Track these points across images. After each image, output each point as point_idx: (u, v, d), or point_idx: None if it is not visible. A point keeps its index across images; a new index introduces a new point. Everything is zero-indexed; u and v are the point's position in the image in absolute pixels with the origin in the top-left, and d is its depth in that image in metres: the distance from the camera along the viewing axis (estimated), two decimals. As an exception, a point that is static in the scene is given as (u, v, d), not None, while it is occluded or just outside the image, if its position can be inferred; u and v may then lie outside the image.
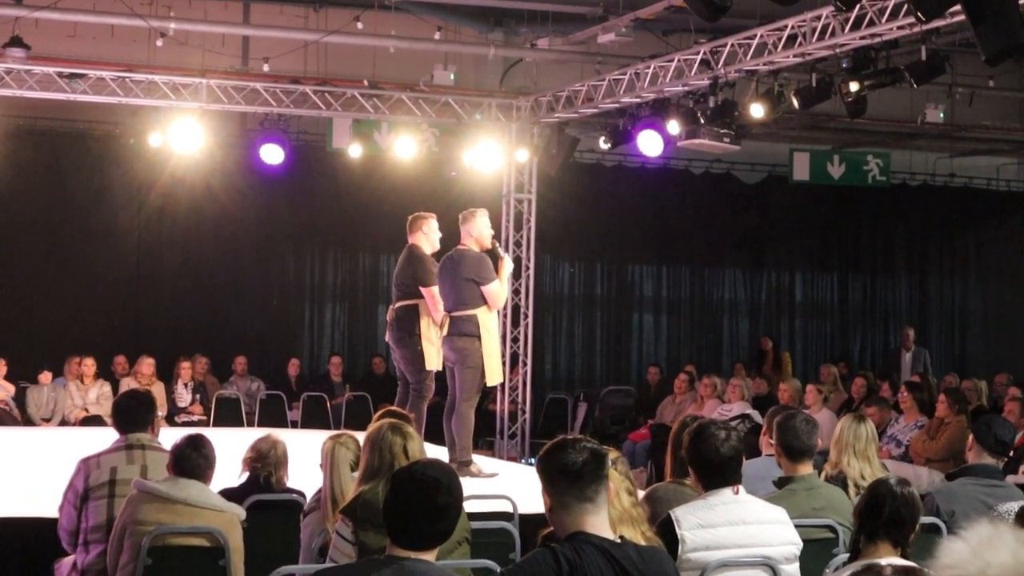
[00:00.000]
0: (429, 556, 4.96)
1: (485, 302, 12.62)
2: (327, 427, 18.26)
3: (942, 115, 21.71)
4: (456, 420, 12.79)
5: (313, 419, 19.71)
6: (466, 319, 12.60)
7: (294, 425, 19.76)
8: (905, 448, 15.05)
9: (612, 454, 6.19)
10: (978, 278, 27.13)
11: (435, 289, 12.69)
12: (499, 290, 12.67)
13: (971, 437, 8.47)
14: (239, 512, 7.61)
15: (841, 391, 19.57)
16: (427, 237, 13.02)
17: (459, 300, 12.60)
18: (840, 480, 8.68)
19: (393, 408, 8.75)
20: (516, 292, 20.17)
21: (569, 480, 4.89)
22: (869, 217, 26.29)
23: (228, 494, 8.23)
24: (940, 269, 26.97)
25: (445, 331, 12.62)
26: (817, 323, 26.26)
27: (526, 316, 20.29)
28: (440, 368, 13.02)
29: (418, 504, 4.89)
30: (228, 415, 19.68)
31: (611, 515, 5.65)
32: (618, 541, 4.95)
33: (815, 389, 16.95)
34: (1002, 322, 26.82)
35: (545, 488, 5.00)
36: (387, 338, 13.33)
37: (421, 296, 12.76)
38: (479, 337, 12.59)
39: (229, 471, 8.72)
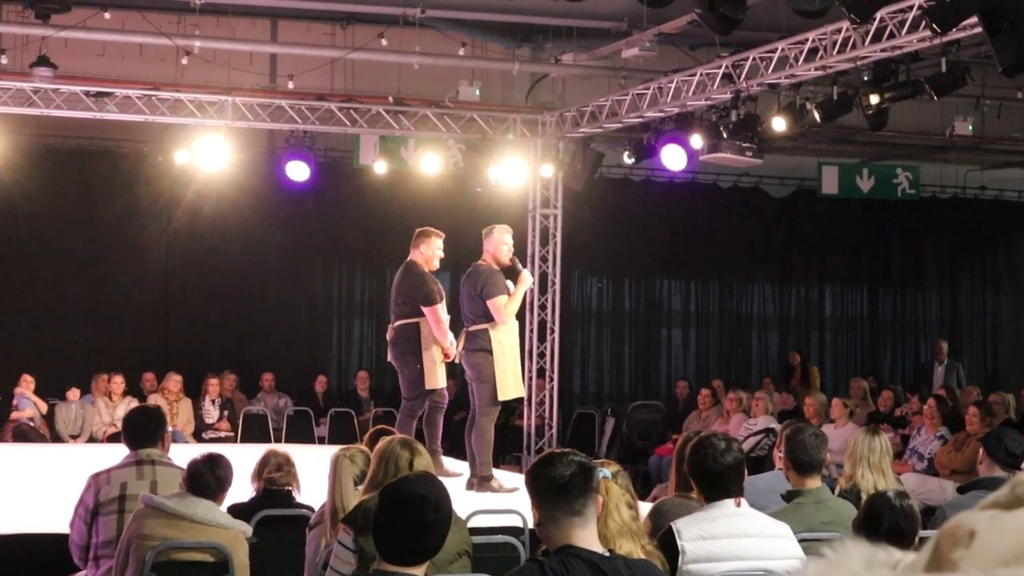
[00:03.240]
0: (418, 571, 4.98)
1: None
2: (355, 443, 18.25)
3: (971, 127, 21.58)
4: (475, 435, 12.80)
5: (340, 435, 19.66)
6: (479, 334, 12.65)
7: (321, 441, 19.80)
8: (928, 461, 14.98)
9: (613, 467, 6.20)
10: (1010, 291, 26.98)
11: (438, 308, 12.72)
12: (504, 305, 12.66)
13: (981, 450, 8.45)
14: (246, 529, 7.63)
15: (870, 405, 19.51)
16: (423, 255, 13.04)
17: (474, 315, 12.67)
18: (854, 493, 8.65)
19: (385, 428, 8.83)
20: (542, 307, 20.19)
21: (557, 494, 4.90)
22: (899, 231, 26.15)
23: (238, 509, 8.27)
24: (971, 283, 26.82)
25: (461, 345, 12.68)
26: (847, 337, 26.14)
27: (552, 331, 20.30)
28: (443, 385, 13.09)
29: (406, 520, 4.91)
30: (255, 431, 19.76)
31: (610, 528, 5.66)
32: (607, 555, 4.94)
33: (840, 403, 16.88)
34: (1034, 336, 26.69)
35: (534, 502, 5.01)
36: (389, 357, 13.35)
37: (421, 314, 12.78)
38: (491, 351, 12.62)
39: (246, 486, 8.79)
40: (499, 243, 12.89)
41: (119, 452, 8.59)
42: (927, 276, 26.57)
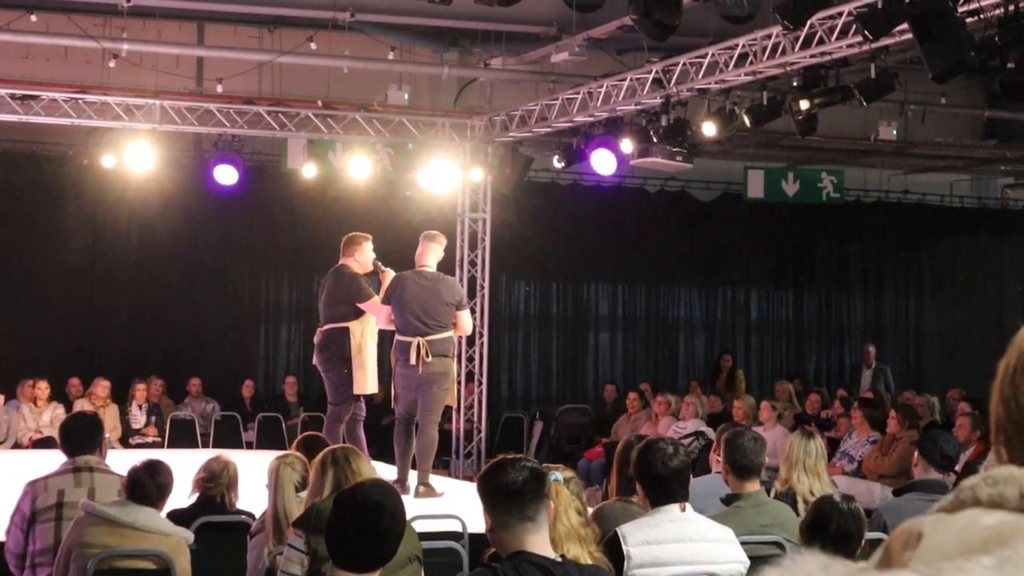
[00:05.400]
0: (370, 578, 4.98)
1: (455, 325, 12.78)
2: (282, 448, 18.06)
3: (895, 132, 21.77)
4: (422, 441, 12.72)
5: (268, 440, 19.63)
6: (446, 340, 12.63)
7: (249, 446, 19.72)
8: (858, 464, 15.12)
9: (566, 473, 6.23)
10: (932, 294, 27.26)
11: (376, 300, 12.71)
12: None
13: (916, 453, 8.53)
14: (187, 536, 7.58)
15: (796, 407, 19.65)
16: (359, 262, 13.06)
17: (440, 322, 12.57)
18: (790, 496, 8.72)
19: (315, 434, 8.85)
20: (471, 311, 20.15)
21: (509, 499, 4.91)
22: (823, 234, 26.38)
23: (178, 515, 8.22)
24: (895, 285, 27.07)
25: (415, 354, 12.50)
26: (773, 340, 26.31)
27: (481, 335, 20.31)
28: (374, 391, 13.09)
29: (361, 527, 4.92)
30: (183, 436, 19.64)
31: (559, 531, 5.67)
32: (559, 560, 4.96)
33: (769, 406, 17.00)
34: (956, 338, 26.94)
35: (486, 508, 5.02)
36: (315, 360, 13.30)
37: (352, 318, 12.77)
38: (453, 358, 12.76)
39: (181, 492, 8.71)
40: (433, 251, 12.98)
41: (44, 458, 8.56)
42: (851, 279, 26.81)
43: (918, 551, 1.54)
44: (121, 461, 9.00)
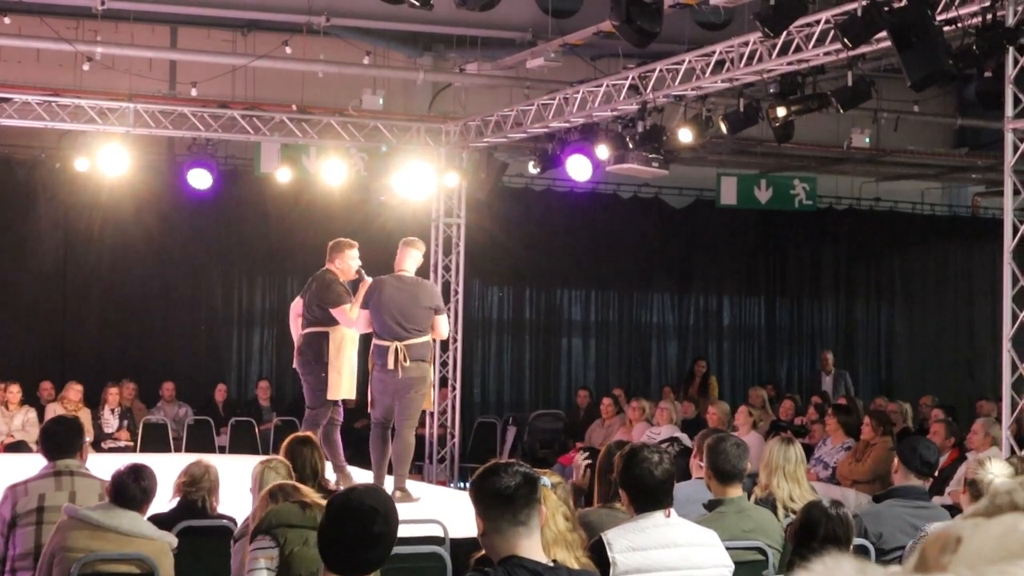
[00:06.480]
0: (361, 583, 4.98)
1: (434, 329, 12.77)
2: (255, 452, 18.18)
3: (868, 140, 21.92)
4: (399, 445, 12.66)
5: (241, 444, 19.60)
6: (424, 345, 12.61)
7: (222, 450, 19.63)
8: (832, 470, 15.15)
9: (554, 478, 6.26)
10: (904, 301, 27.33)
11: (345, 308, 12.68)
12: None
13: (896, 459, 8.55)
14: (171, 540, 7.56)
15: (769, 414, 19.68)
16: (339, 268, 13.01)
17: (418, 327, 12.55)
18: (770, 502, 8.73)
19: (307, 436, 8.84)
20: (445, 316, 20.17)
21: (502, 504, 4.90)
22: (796, 241, 26.44)
23: (159, 519, 8.19)
24: (866, 292, 27.15)
25: (393, 358, 12.47)
26: (745, 346, 26.35)
27: (455, 340, 20.30)
28: (350, 396, 13.05)
29: (354, 532, 4.91)
30: (155, 441, 19.53)
31: (546, 536, 5.68)
32: (551, 565, 4.95)
33: (745, 411, 17.01)
34: (927, 345, 27.03)
35: (478, 512, 5.01)
36: (295, 364, 13.29)
37: (331, 323, 12.75)
38: (431, 362, 12.77)
39: (161, 496, 8.69)
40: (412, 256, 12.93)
41: (16, 462, 8.51)
42: (823, 286, 26.86)
43: (958, 555, 1.54)
44: (94, 465, 8.96)
